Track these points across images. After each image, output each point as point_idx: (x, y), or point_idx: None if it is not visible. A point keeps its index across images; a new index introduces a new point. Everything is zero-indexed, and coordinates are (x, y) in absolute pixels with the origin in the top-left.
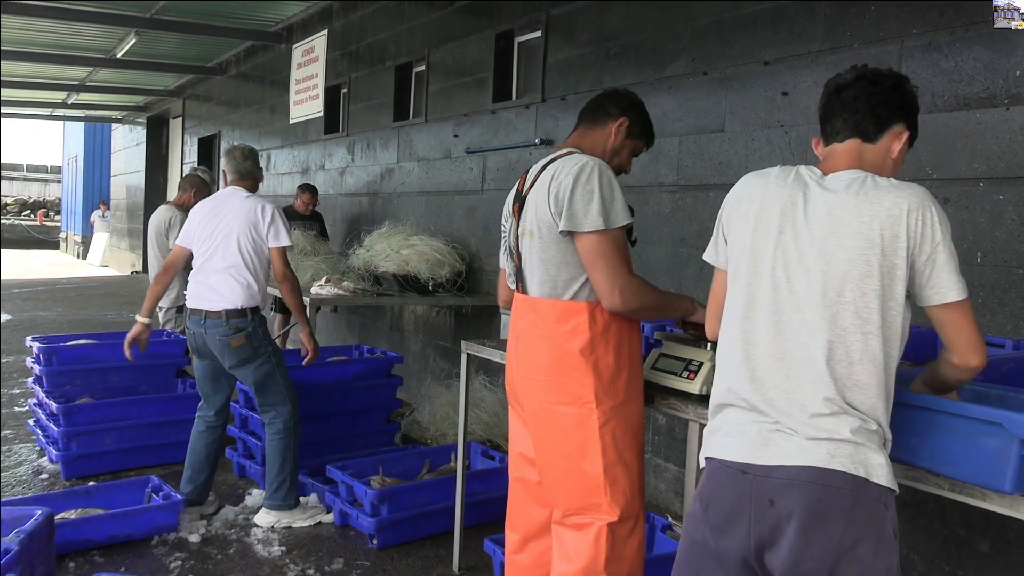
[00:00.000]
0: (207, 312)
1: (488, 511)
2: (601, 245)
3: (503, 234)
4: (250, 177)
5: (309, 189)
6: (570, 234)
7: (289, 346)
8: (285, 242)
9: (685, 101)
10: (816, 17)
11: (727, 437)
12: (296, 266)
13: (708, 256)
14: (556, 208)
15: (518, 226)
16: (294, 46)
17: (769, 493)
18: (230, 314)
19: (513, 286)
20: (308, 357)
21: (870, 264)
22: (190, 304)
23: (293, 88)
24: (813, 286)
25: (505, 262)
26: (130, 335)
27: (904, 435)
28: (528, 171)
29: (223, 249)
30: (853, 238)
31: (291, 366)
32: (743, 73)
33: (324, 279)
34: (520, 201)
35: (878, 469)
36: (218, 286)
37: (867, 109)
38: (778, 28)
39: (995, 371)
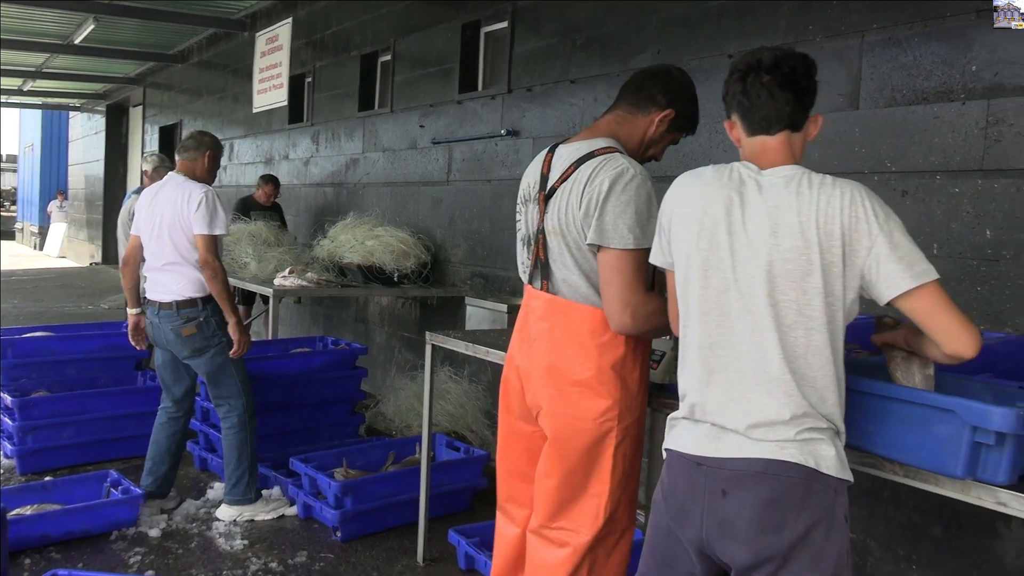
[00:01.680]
0: (160, 303)
1: (453, 502)
2: (622, 261)
3: (518, 218)
4: (191, 161)
5: (272, 180)
6: (596, 246)
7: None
8: (211, 230)
9: None
10: (779, 11)
11: (684, 431)
12: (259, 257)
13: (655, 259)
14: (586, 216)
15: (542, 219)
16: (257, 34)
17: (722, 484)
18: (180, 304)
19: (527, 280)
20: (234, 349)
21: (811, 263)
22: (147, 295)
23: (257, 77)
24: (758, 286)
25: (520, 251)
26: (129, 331)
27: (860, 422)
28: (553, 151)
29: (162, 242)
30: (792, 238)
31: (253, 358)
32: (708, 66)
33: (288, 270)
34: (547, 191)
35: (828, 460)
36: (165, 279)
37: (795, 99)
38: (742, 21)
39: None
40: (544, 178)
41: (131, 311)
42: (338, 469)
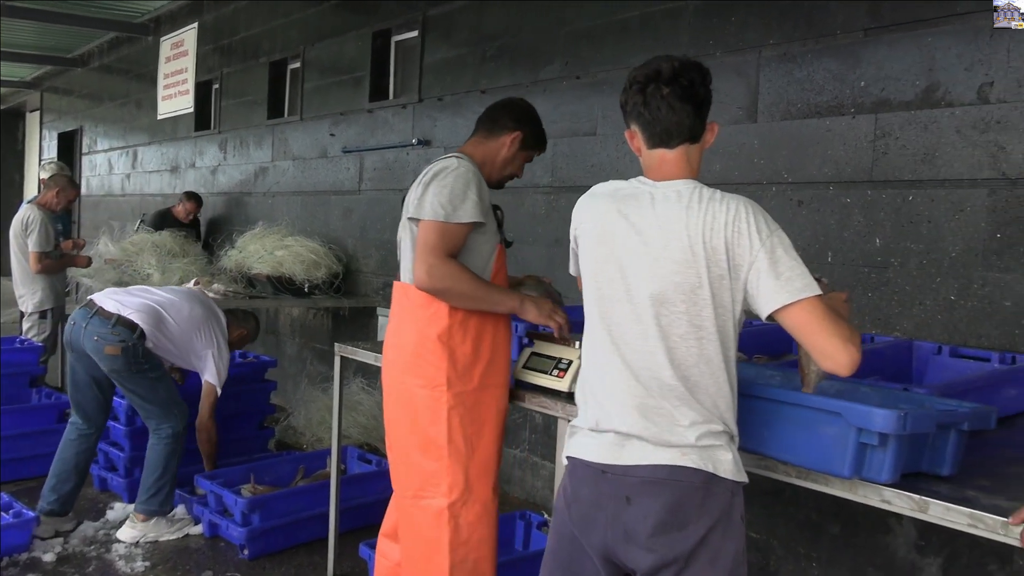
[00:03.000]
0: (100, 309)
1: (365, 515)
2: (429, 229)
3: None
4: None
5: (194, 198)
6: (416, 222)
7: None
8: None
9: (559, 104)
10: (681, 26)
11: (586, 439)
12: (164, 268)
13: (572, 271)
14: (415, 198)
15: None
16: (162, 39)
17: (627, 491)
18: (120, 321)
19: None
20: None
21: (699, 276)
22: (93, 296)
23: (161, 83)
24: (650, 298)
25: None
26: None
27: (755, 426)
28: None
29: None
30: (681, 251)
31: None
32: (614, 78)
33: (193, 281)
34: (404, 196)
35: (725, 465)
36: (127, 298)
37: (694, 111)
38: (646, 35)
39: None
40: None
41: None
42: (245, 485)
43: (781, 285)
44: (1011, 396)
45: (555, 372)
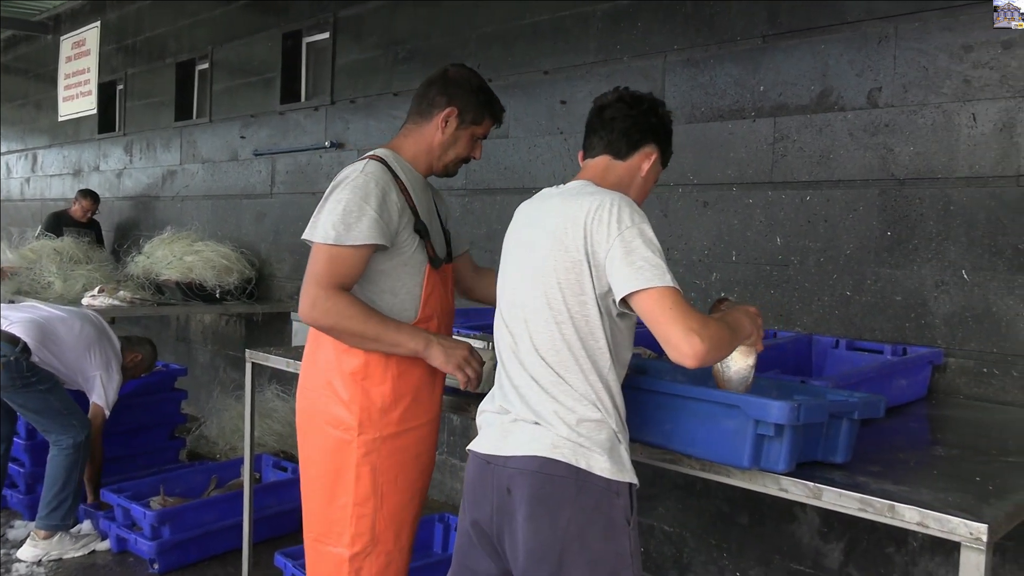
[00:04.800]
0: None
1: (281, 524)
2: (316, 258)
3: None
4: None
5: (90, 195)
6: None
7: None
8: None
9: None
10: (590, 30)
11: (482, 431)
12: (65, 275)
13: None
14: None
15: None
16: (62, 38)
17: (507, 481)
18: (5, 337)
19: None
20: None
21: (565, 262)
22: None
23: (62, 83)
24: (536, 292)
25: None
26: None
27: (659, 421)
28: None
29: None
30: (550, 239)
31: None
32: (525, 81)
33: (97, 288)
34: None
35: (600, 462)
36: (15, 315)
37: (622, 129)
38: (556, 39)
39: None
40: None
41: None
42: (155, 498)
43: (633, 272)
44: (901, 386)
45: None
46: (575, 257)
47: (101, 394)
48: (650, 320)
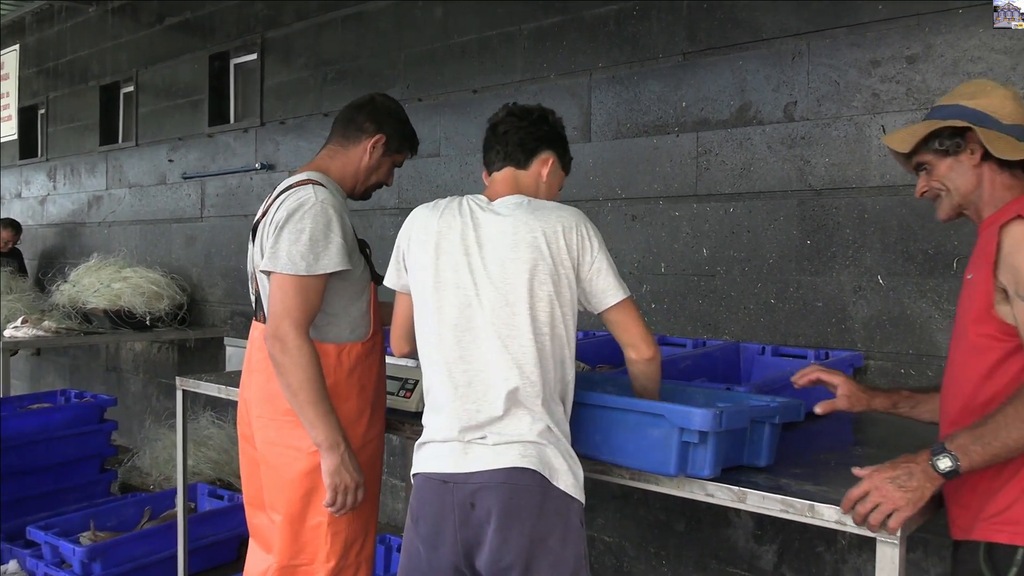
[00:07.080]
0: None
1: (218, 554)
2: (285, 291)
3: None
4: None
5: (11, 225)
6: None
7: None
8: None
9: None
10: (516, 49)
11: (431, 451)
12: None
13: (389, 281)
14: (268, 247)
15: (254, 255)
16: None
17: (470, 497)
18: None
19: (255, 313)
20: None
21: (543, 272)
22: None
23: None
24: (499, 298)
25: (249, 284)
26: None
27: (589, 433)
28: (273, 192)
29: None
30: (527, 251)
31: None
32: (455, 100)
33: (20, 319)
34: (253, 227)
35: (561, 475)
36: None
37: (517, 141)
38: (484, 59)
39: (675, 367)
40: (257, 218)
41: None
42: (85, 533)
43: (617, 284)
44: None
45: (402, 392)
46: (559, 270)
47: None
48: (624, 327)
